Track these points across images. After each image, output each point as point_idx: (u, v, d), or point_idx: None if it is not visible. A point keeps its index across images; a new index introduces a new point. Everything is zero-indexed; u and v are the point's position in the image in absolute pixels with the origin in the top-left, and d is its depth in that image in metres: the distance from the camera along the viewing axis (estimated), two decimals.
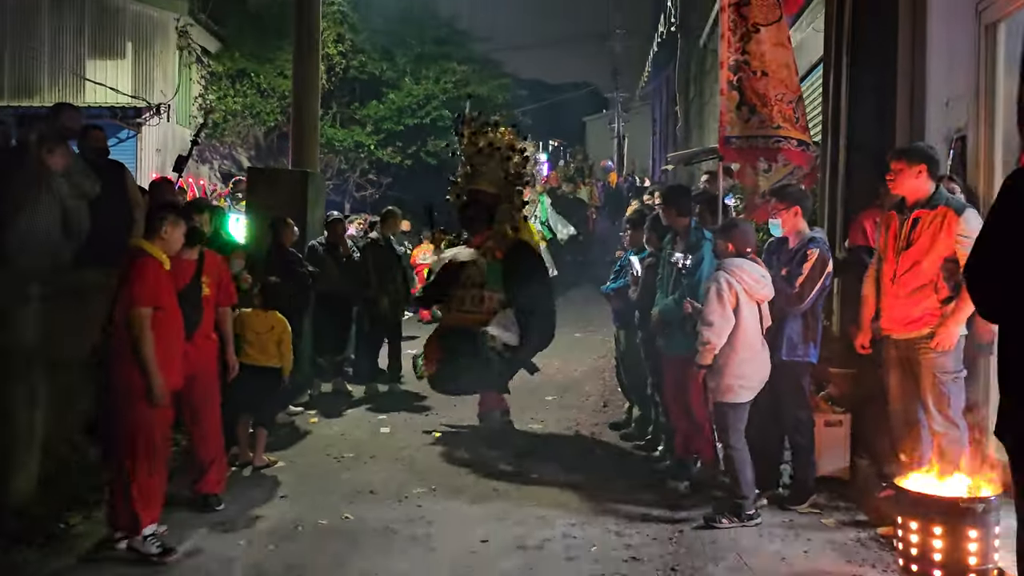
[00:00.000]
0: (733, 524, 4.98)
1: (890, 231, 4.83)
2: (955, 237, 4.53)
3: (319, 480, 6.02)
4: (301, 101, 10.46)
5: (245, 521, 5.22)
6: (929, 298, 4.64)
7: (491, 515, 5.33)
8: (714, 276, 5.09)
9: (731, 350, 5.02)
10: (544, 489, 5.84)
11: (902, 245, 4.71)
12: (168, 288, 4.86)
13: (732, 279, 5.01)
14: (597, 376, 9.39)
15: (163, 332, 4.75)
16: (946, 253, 4.57)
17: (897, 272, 4.72)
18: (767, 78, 5.79)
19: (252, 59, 17.86)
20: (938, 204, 4.63)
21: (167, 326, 4.82)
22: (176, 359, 4.94)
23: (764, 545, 4.77)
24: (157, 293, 4.73)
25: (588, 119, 40.81)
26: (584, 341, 11.50)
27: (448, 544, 4.88)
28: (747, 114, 5.82)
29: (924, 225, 4.64)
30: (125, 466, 4.70)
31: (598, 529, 5.07)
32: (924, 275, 4.63)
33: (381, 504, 5.53)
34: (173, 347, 4.89)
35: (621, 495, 5.69)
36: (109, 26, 16.86)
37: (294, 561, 4.65)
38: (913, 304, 4.67)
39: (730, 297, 4.99)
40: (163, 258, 4.84)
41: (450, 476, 6.14)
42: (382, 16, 19.51)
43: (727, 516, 5.03)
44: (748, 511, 5.02)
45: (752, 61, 5.82)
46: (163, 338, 4.74)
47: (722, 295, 4.98)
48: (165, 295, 4.81)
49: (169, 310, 4.85)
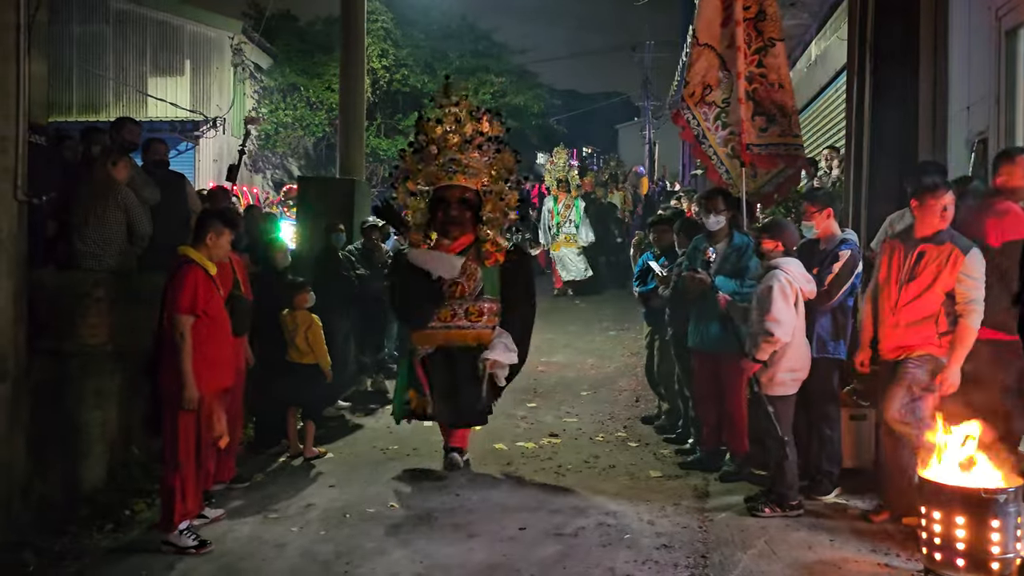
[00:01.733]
0: (775, 514, 5.11)
1: (894, 260, 4.93)
2: (957, 276, 4.67)
3: (366, 471, 6.27)
4: (347, 113, 10.84)
5: (297, 509, 5.49)
6: (928, 329, 4.78)
7: (528, 504, 5.52)
8: (773, 275, 5.17)
9: (785, 345, 5.14)
10: (579, 479, 6.04)
11: (905, 277, 4.83)
12: (213, 294, 5.00)
13: (790, 278, 5.15)
14: (630, 372, 9.54)
15: (208, 337, 4.93)
16: (947, 289, 4.71)
17: (899, 303, 4.85)
18: (784, 90, 6.07)
19: (302, 74, 18.46)
20: (945, 241, 4.73)
21: (213, 331, 4.98)
22: (226, 360, 5.14)
23: (791, 533, 4.90)
24: (200, 300, 4.87)
25: (620, 127, 40.95)
26: (618, 339, 11.67)
27: (487, 531, 5.07)
28: (763, 123, 6.07)
29: (929, 260, 4.75)
30: (166, 464, 4.91)
31: (631, 518, 5.23)
32: (926, 308, 4.77)
33: (424, 493, 5.76)
34: (221, 350, 5.07)
35: (653, 485, 5.88)
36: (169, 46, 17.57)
37: (342, 547, 4.89)
38: (911, 334, 4.82)
39: (791, 294, 5.12)
40: (208, 265, 5.00)
41: (489, 467, 6.34)
42: (424, 32, 19.95)
43: (769, 505, 5.16)
44: (791, 501, 5.15)
45: (770, 74, 6.10)
46: (209, 342, 4.93)
47: (786, 293, 5.10)
48: (209, 301, 4.95)
49: (214, 315, 5.01)
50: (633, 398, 8.47)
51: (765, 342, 5.12)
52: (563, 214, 15.63)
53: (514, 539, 4.96)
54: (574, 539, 4.95)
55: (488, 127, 6.14)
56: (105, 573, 4.61)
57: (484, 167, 6.09)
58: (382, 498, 5.67)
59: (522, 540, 4.95)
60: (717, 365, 5.90)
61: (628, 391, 8.83)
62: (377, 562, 4.68)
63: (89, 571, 4.63)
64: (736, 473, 5.87)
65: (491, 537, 4.99)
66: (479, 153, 6.06)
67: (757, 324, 5.21)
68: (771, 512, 5.13)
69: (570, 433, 7.30)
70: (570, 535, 5.00)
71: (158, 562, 4.70)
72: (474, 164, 6.03)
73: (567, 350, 10.99)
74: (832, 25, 9.63)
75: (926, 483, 4.36)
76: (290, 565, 4.68)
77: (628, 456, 6.62)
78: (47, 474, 5.28)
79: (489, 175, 6.13)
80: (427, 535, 5.05)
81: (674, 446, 6.74)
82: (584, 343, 11.44)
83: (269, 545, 4.93)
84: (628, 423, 7.61)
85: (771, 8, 6.43)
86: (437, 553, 4.78)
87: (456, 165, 5.99)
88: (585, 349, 11.05)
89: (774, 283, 5.14)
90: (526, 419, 7.75)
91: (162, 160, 7.31)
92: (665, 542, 4.85)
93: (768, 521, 5.08)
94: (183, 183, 7.35)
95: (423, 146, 6.12)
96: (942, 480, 4.28)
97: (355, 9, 10.84)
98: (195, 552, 4.79)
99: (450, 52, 20.32)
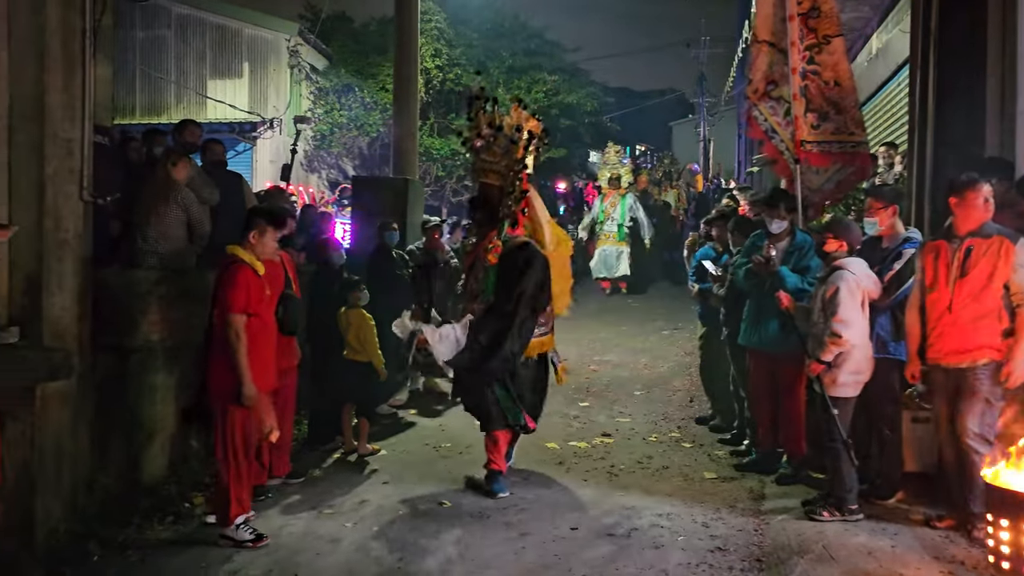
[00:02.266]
0: (834, 518, 5.01)
1: (940, 260, 4.80)
2: (1012, 266, 4.56)
3: (419, 468, 6.32)
4: (401, 113, 10.95)
5: (351, 505, 5.56)
6: (991, 327, 4.66)
7: (580, 504, 5.50)
8: (839, 276, 5.06)
9: (850, 346, 5.04)
10: (632, 480, 5.99)
11: (957, 274, 4.70)
12: (261, 293, 5.02)
13: (856, 278, 5.04)
14: (684, 372, 9.44)
15: (257, 336, 4.97)
16: (1004, 280, 4.60)
17: (954, 302, 4.72)
18: (840, 87, 5.99)
19: (356, 75, 18.67)
20: (991, 233, 4.64)
21: (260, 330, 5.02)
22: (271, 360, 5.17)
23: (850, 538, 4.79)
24: (251, 299, 4.91)
25: (675, 124, 40.67)
26: (671, 338, 11.56)
27: (539, 530, 5.06)
28: (816, 120, 5.99)
29: (979, 254, 4.64)
30: (219, 461, 4.98)
31: (685, 520, 5.18)
32: (985, 304, 4.65)
33: (476, 492, 5.76)
34: (267, 350, 5.11)
35: (707, 487, 5.80)
36: (228, 49, 17.94)
37: (395, 543, 4.93)
38: (972, 333, 4.68)
39: (858, 295, 5.02)
40: (256, 264, 5.02)
41: (541, 466, 6.33)
42: (477, 31, 20.02)
43: (828, 509, 5.05)
44: (850, 505, 5.04)
45: (824, 72, 6.03)
46: (257, 342, 4.97)
47: (853, 293, 5.01)
48: (258, 301, 4.98)
49: (263, 315, 5.04)
50: (687, 398, 8.38)
51: (832, 343, 5.01)
52: (607, 211, 15.57)
53: (566, 539, 4.95)
54: (626, 540, 4.91)
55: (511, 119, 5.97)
56: (165, 564, 4.71)
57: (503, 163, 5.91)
58: (434, 495, 5.70)
59: (574, 540, 4.93)
60: (774, 365, 5.80)
61: (682, 391, 8.73)
62: (429, 559, 4.70)
63: (150, 562, 4.74)
64: (793, 476, 5.77)
65: (543, 536, 4.98)
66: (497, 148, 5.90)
67: (821, 325, 5.10)
68: (830, 516, 5.03)
69: (623, 433, 7.25)
70: (622, 536, 4.97)
71: (216, 555, 4.79)
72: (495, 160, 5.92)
73: (619, 349, 10.93)
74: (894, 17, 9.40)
75: (994, 489, 4.24)
76: (344, 560, 4.73)
77: (682, 457, 6.55)
78: (110, 467, 5.42)
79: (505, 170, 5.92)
80: (479, 533, 5.06)
81: (729, 447, 6.66)
82: (637, 342, 11.37)
83: (323, 540, 4.99)
84: (682, 423, 7.53)
85: (826, 5, 6.35)
86: (488, 551, 4.79)
87: (483, 163, 5.98)
88: (638, 348, 10.97)
89: (841, 284, 5.03)
90: (578, 418, 7.73)
91: (221, 161, 7.45)
92: (720, 545, 4.79)
93: (826, 525, 4.97)
94: (241, 183, 7.48)
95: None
96: (1012, 486, 4.16)
97: (409, 10, 10.93)
98: (252, 545, 4.87)
99: (503, 51, 20.34)
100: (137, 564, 4.70)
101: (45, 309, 4.82)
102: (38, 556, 4.57)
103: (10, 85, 4.73)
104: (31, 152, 4.79)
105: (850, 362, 5.07)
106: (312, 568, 4.62)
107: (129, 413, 5.61)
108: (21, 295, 4.78)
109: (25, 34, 4.76)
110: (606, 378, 9.38)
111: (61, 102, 4.90)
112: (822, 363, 5.08)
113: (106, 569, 4.63)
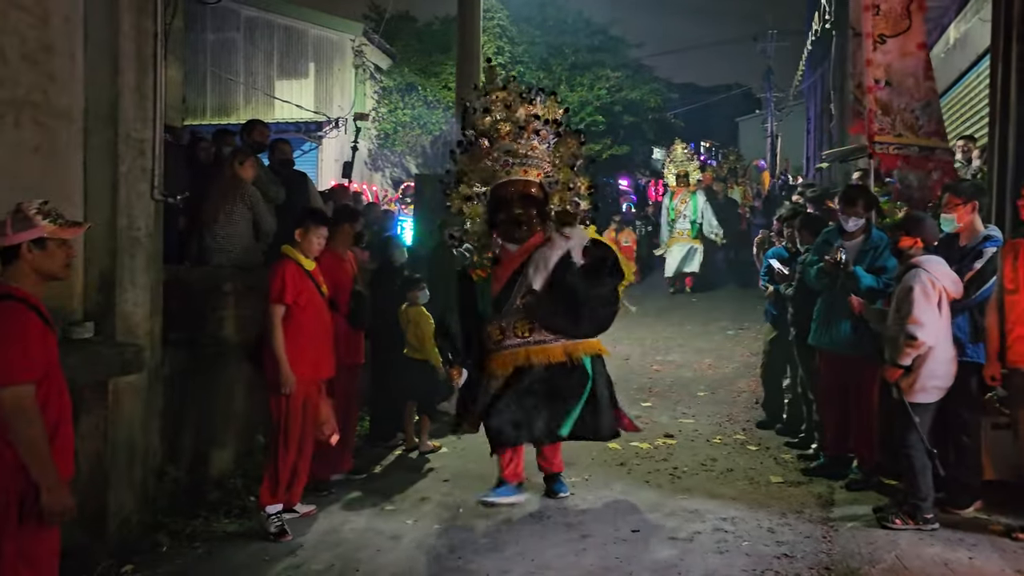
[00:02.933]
0: (908, 526, 4.84)
1: (1020, 260, 4.62)
2: None
3: (479, 466, 6.28)
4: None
5: (412, 502, 5.58)
6: None
7: (642, 506, 5.42)
8: (915, 275, 4.87)
9: (930, 349, 4.85)
10: (695, 482, 5.88)
11: None
12: (304, 287, 5.12)
13: (933, 277, 4.85)
14: (750, 373, 9.21)
15: (302, 327, 5.07)
16: None
17: None
18: (890, 88, 5.85)
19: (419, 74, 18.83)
20: None
21: (305, 322, 5.10)
22: (323, 352, 5.23)
23: (924, 548, 4.61)
24: (289, 291, 5.04)
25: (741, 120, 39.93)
26: (736, 338, 11.36)
27: (599, 532, 5.00)
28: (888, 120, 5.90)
29: None
30: (267, 447, 5.13)
31: (750, 524, 5.05)
32: None
33: (536, 491, 5.71)
34: (317, 341, 5.16)
35: (773, 491, 5.66)
36: (295, 50, 18.26)
37: (455, 541, 4.93)
38: None
39: (935, 295, 4.84)
40: (302, 260, 5.16)
41: (602, 466, 6.27)
42: (539, 28, 19.97)
43: (901, 517, 4.88)
44: (926, 514, 4.86)
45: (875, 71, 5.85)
46: (304, 333, 5.07)
47: (928, 293, 4.82)
48: (301, 293, 5.08)
49: (308, 307, 5.12)
50: (752, 400, 8.20)
51: (908, 346, 4.82)
52: (678, 209, 15.38)
53: (627, 541, 4.88)
54: (689, 544, 4.81)
55: (542, 109, 5.41)
56: (231, 556, 4.79)
57: (544, 155, 5.39)
58: None
59: (635, 543, 4.85)
60: (845, 367, 5.61)
61: (747, 392, 8.56)
62: (489, 558, 4.68)
63: (217, 553, 4.83)
64: (863, 482, 5.59)
65: (603, 538, 4.92)
66: (537, 140, 5.36)
67: (897, 327, 4.92)
68: (903, 524, 4.85)
69: (686, 434, 7.14)
70: (685, 540, 4.87)
71: (280, 549, 4.86)
72: (533, 153, 5.35)
73: (683, 349, 10.79)
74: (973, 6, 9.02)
75: None
76: (405, 557, 4.74)
77: (747, 460, 6.40)
78: (180, 460, 5.55)
79: (552, 163, 5.43)
80: (539, 533, 5.02)
81: (796, 451, 6.48)
82: (701, 342, 11.20)
83: (384, 536, 5.02)
84: (747, 426, 7.38)
85: (885, 5, 6.16)
86: (548, 552, 4.74)
87: (512, 157, 5.32)
88: (702, 348, 10.81)
89: (915, 283, 4.83)
90: (640, 418, 7.57)
91: (287, 160, 7.57)
92: (786, 551, 4.65)
93: (899, 534, 4.80)
94: (306, 182, 7.59)
95: (472, 141, 5.46)
96: None
97: (471, 8, 10.95)
98: (273, 539, 4.95)
99: (565, 48, 20.25)
100: (204, 556, 4.79)
101: (118, 305, 4.94)
102: (110, 547, 4.69)
103: (85, 88, 4.87)
104: (105, 152, 4.92)
105: (929, 365, 4.87)
106: (373, 564, 4.64)
107: (198, 407, 5.73)
108: (95, 291, 4.91)
109: (100, 38, 4.89)
110: (669, 378, 9.26)
111: (133, 103, 5.02)
112: (900, 367, 4.89)
113: (174, 560, 4.73)
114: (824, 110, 22.99)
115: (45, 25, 4.60)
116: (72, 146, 4.81)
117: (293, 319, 5.05)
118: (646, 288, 16.59)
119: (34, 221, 3.23)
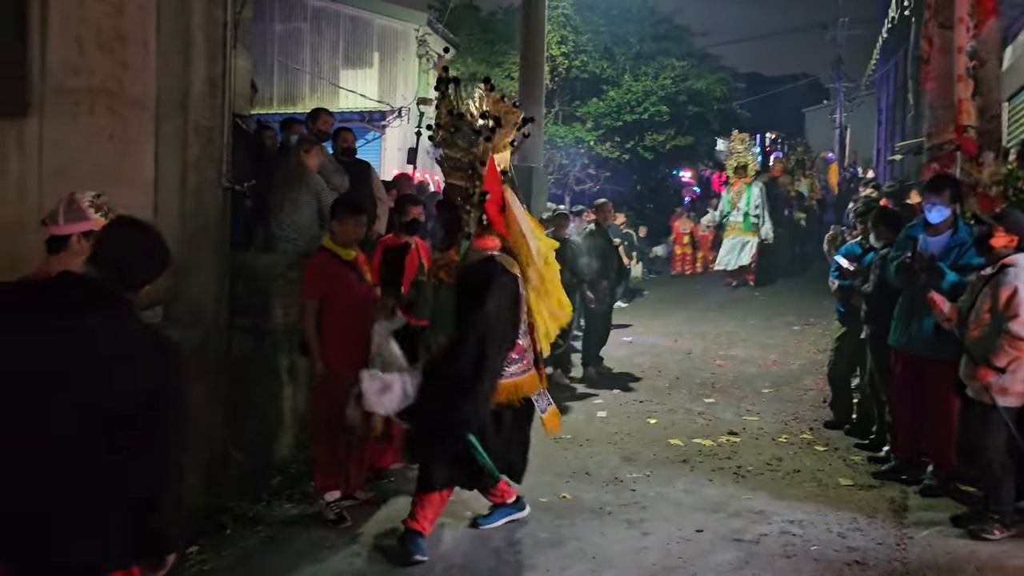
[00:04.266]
0: (1004, 535, 4.63)
1: None
2: None
3: (539, 460, 6.16)
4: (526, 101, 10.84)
5: (470, 493, 5.50)
6: None
7: (706, 505, 5.30)
8: (1016, 274, 4.64)
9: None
10: (760, 482, 5.73)
11: None
12: (341, 278, 5.05)
13: None
14: (817, 370, 8.93)
15: (340, 318, 5.01)
16: None
17: None
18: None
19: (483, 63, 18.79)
20: None
21: (341, 313, 5.02)
22: (356, 343, 5.00)
23: (1007, 560, 4.41)
24: (322, 283, 5.02)
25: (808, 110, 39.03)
26: (802, 334, 11.08)
27: (662, 530, 4.90)
28: (981, 103, 5.54)
29: None
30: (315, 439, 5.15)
31: (819, 528, 4.90)
32: None
33: (596, 486, 5.66)
34: (358, 330, 4.97)
35: (843, 495, 5.48)
36: (360, 39, 18.42)
37: (514, 534, 4.89)
38: None
39: None
40: (338, 250, 5.09)
41: (665, 463, 6.16)
42: (603, 17, 19.74)
43: (998, 527, 4.67)
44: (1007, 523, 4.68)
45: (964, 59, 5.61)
46: (342, 323, 5.01)
47: None
48: (336, 284, 5.03)
49: (343, 298, 5.04)
50: (820, 398, 7.95)
51: (1010, 347, 4.59)
52: (733, 201, 15.11)
53: (691, 541, 4.77)
54: (755, 546, 4.68)
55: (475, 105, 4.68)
56: (293, 540, 4.83)
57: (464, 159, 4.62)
58: (554, 488, 5.62)
59: (699, 543, 4.75)
60: (924, 368, 5.37)
61: (815, 390, 8.31)
62: (548, 553, 4.63)
63: (279, 537, 4.87)
64: (939, 488, 5.36)
65: (666, 536, 4.82)
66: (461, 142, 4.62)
67: (993, 327, 4.69)
68: (1001, 533, 4.64)
69: (750, 432, 6.96)
70: (751, 542, 4.74)
71: (341, 535, 4.88)
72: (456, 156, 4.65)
73: (746, 344, 10.57)
74: None
75: None
76: (463, 551, 4.72)
77: (815, 461, 6.21)
78: (243, 444, 5.61)
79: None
80: (599, 529, 4.95)
81: (866, 453, 6.26)
82: (765, 337, 10.96)
83: (442, 527, 4.98)
84: (814, 425, 7.16)
85: None
86: (609, 548, 4.67)
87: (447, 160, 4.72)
88: (766, 344, 10.57)
89: (1020, 284, 4.59)
90: (703, 415, 7.48)
91: (350, 148, 7.60)
92: (858, 558, 4.49)
93: (979, 545, 4.60)
94: (369, 171, 7.61)
95: None
96: None
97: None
98: (331, 526, 4.97)
99: (630, 37, 19.99)
100: (267, 541, 4.83)
101: (185, 291, 5.01)
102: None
103: (157, 77, 4.94)
104: (175, 140, 4.98)
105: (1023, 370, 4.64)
106: (431, 554, 4.61)
107: (262, 392, 5.79)
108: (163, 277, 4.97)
109: (172, 27, 4.96)
110: (732, 374, 9.07)
111: (203, 92, 5.08)
112: (995, 369, 4.66)
113: (237, 543, 4.78)
114: (898, 100, 22.29)
115: (120, 14, 4.67)
116: (144, 134, 4.89)
117: (330, 310, 5.04)
118: (708, 283, 16.34)
119: (86, 214, 3.26)
